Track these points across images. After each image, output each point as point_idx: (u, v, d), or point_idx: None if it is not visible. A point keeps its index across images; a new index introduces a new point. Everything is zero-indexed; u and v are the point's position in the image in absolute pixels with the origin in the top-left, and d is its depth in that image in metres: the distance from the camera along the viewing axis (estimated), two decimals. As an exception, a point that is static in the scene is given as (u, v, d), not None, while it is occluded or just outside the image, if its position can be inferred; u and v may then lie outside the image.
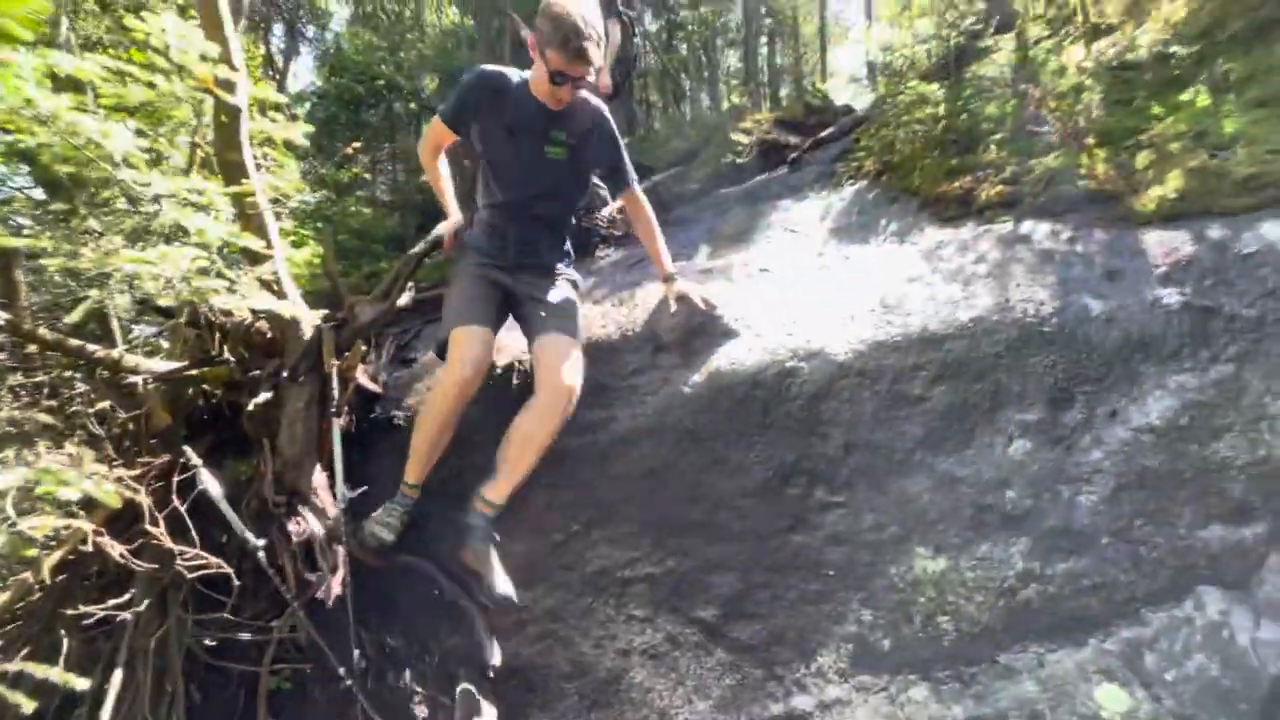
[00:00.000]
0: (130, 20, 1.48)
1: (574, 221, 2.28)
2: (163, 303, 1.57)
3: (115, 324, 2.10)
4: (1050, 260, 2.06)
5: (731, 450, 2.00)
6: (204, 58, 1.56)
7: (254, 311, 1.94)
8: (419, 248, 1.95)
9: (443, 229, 2.22)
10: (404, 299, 1.96)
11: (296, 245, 2.30)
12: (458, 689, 1.84)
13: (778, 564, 1.93)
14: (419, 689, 1.86)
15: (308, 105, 6.68)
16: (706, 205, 4.16)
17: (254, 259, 1.81)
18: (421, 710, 1.84)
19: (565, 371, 1.85)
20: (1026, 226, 2.26)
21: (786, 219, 3.22)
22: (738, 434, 2.01)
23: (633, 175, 2.13)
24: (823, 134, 4.85)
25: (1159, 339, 1.78)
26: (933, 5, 3.63)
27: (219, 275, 1.60)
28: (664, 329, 2.23)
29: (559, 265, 2.16)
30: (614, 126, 2.06)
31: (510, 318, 2.10)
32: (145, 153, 1.61)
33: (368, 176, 6.97)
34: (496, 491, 1.89)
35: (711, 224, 3.49)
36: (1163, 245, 1.96)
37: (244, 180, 1.77)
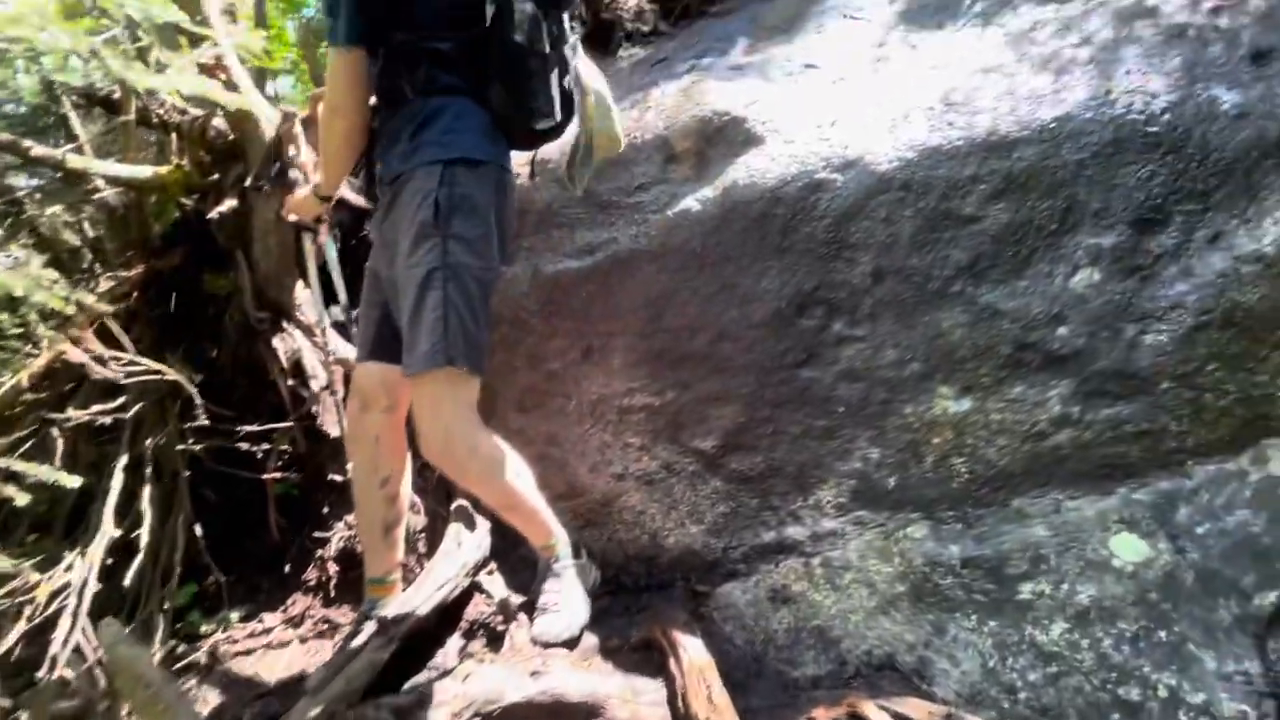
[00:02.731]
0: None
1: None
2: (59, 78, 1.36)
3: (76, 124, 1.91)
4: (1180, 39, 1.58)
5: (742, 276, 1.78)
6: None
7: (208, 108, 1.72)
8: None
9: None
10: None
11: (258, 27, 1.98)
12: (454, 503, 1.88)
13: (783, 399, 1.80)
14: (418, 499, 1.91)
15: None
16: (754, -5, 3.48)
17: (194, 40, 1.55)
18: (421, 521, 1.90)
19: (425, 438, 1.32)
20: (1157, -5, 1.72)
21: (846, 3, 2.62)
22: (750, 258, 1.77)
23: (330, 26, 1.26)
24: (908, -106, 3.86)
25: (1304, 141, 1.38)
26: None
27: (140, 57, 1.36)
28: (676, 134, 1.91)
29: (403, 169, 1.30)
30: None
31: None
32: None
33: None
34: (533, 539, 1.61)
35: (755, 12, 2.90)
36: (1346, 12, 1.45)
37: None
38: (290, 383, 1.81)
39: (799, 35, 2.45)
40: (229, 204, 1.72)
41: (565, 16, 1.40)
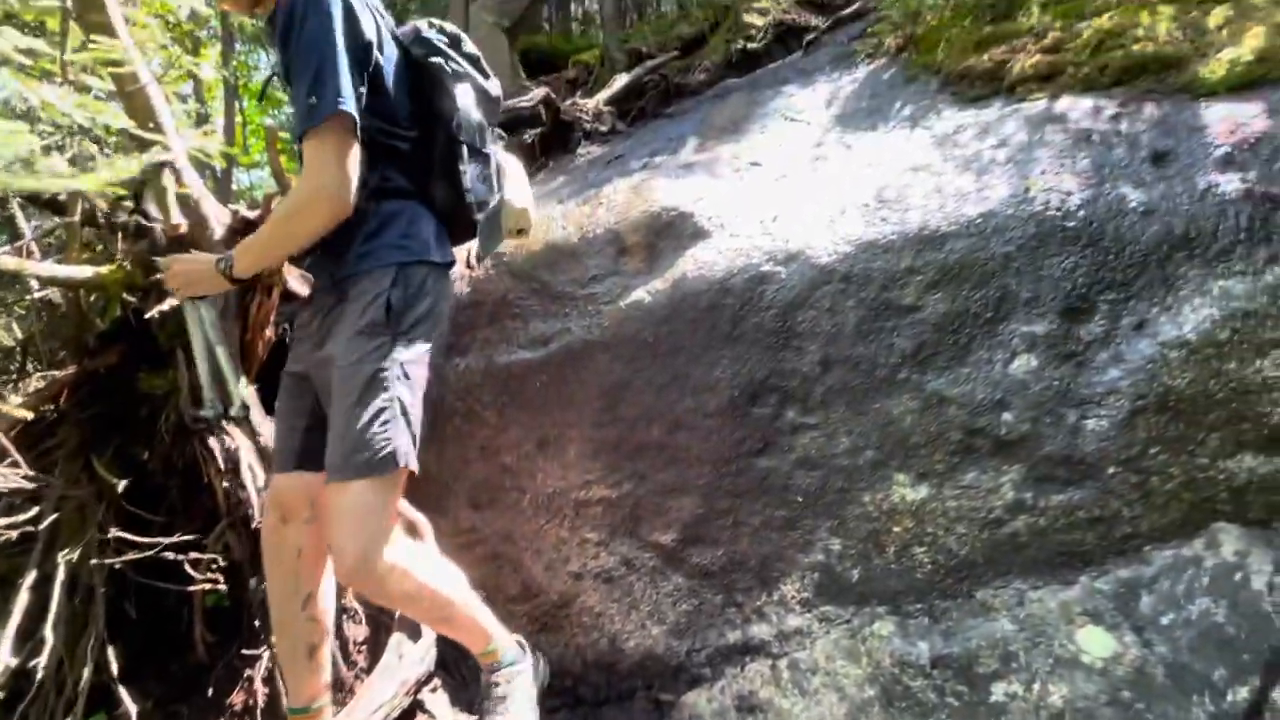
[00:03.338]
0: None
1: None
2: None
3: (23, 223, 1.90)
4: (1086, 142, 1.71)
5: (694, 366, 1.79)
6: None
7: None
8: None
9: None
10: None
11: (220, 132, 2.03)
12: (398, 610, 1.76)
13: (741, 489, 1.76)
14: (360, 606, 1.79)
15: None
16: (708, 96, 3.72)
17: (143, 145, 1.57)
18: (362, 630, 1.77)
19: (340, 554, 1.20)
20: (1063, 103, 1.88)
21: (788, 106, 2.82)
22: (702, 348, 1.79)
23: (310, 105, 1.12)
24: (846, 11, 4.26)
25: (1207, 235, 1.47)
26: None
27: (78, 158, 1.36)
28: (627, 228, 1.97)
29: (353, 273, 1.27)
30: (300, 11, 1.14)
31: None
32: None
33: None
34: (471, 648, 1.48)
35: (706, 114, 3.10)
36: (1227, 121, 1.59)
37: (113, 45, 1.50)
38: (226, 484, 1.72)
39: (745, 136, 2.61)
40: (171, 302, 1.69)
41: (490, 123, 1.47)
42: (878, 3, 3.29)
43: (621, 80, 3.79)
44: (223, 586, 1.67)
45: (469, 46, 1.43)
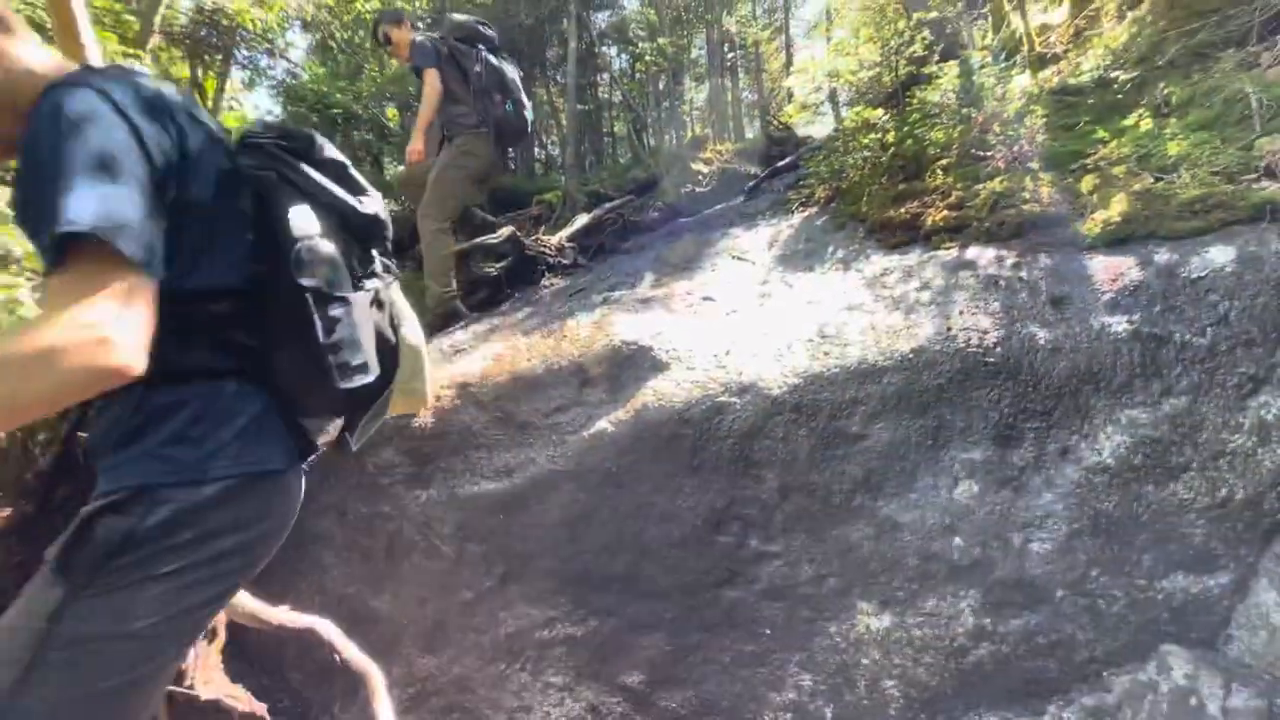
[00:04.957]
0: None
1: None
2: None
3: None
4: (995, 286, 1.94)
5: (658, 495, 1.82)
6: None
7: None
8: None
9: None
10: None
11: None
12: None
13: (710, 622, 1.73)
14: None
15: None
16: (662, 234, 4.06)
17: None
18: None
19: None
20: (972, 252, 2.15)
21: (735, 246, 3.10)
22: (665, 476, 1.83)
23: (62, 223, 0.66)
24: (780, 163, 4.83)
25: (1108, 370, 1.65)
26: (879, 33, 3.63)
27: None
28: (590, 361, 2.07)
29: (108, 483, 0.83)
30: (41, 138, 0.72)
31: None
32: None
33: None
34: None
35: (659, 251, 3.36)
36: (1109, 270, 1.85)
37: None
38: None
39: (697, 272, 2.84)
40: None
41: (376, 251, 1.07)
42: (805, 159, 3.74)
43: (582, 219, 4.12)
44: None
45: (329, 152, 1.02)
